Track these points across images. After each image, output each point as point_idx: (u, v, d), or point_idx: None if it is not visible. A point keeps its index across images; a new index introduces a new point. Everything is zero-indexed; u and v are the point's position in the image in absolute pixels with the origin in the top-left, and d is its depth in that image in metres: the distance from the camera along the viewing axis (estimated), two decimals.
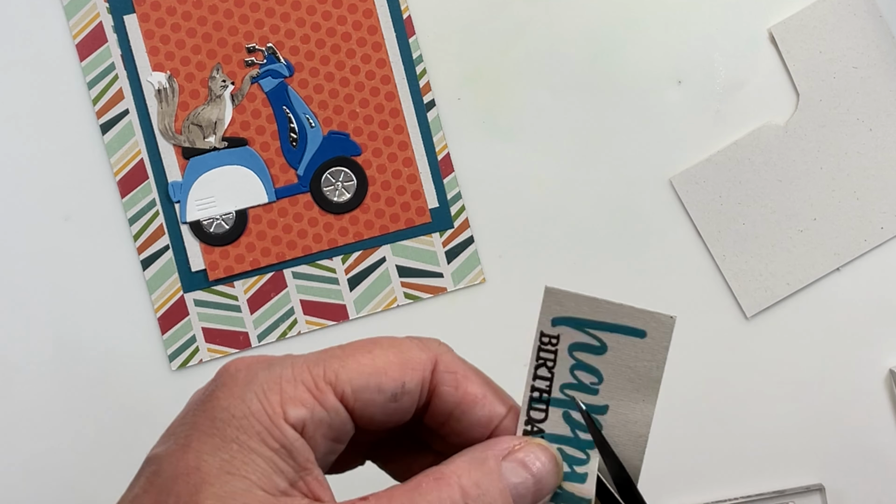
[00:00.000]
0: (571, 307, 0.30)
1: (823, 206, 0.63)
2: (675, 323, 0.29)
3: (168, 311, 0.62)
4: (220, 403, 0.27)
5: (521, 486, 0.28)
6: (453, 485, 0.27)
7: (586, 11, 0.63)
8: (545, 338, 0.31)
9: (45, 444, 0.63)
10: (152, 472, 0.28)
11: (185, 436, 0.28)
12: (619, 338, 0.30)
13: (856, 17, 0.62)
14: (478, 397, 0.30)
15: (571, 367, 0.31)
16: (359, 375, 0.28)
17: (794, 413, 0.64)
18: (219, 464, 0.26)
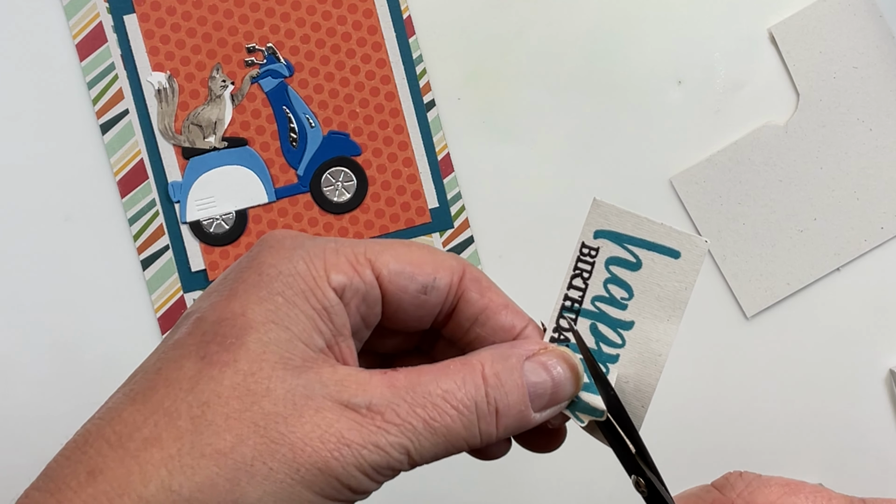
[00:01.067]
0: (615, 221, 0.32)
1: (823, 206, 0.63)
2: (708, 248, 0.31)
3: (168, 311, 0.62)
4: (267, 260, 0.29)
5: (539, 387, 0.30)
6: (477, 371, 0.29)
7: (586, 11, 0.63)
8: (585, 248, 0.32)
9: (44, 444, 0.63)
10: (196, 318, 0.28)
11: (230, 288, 0.29)
12: (655, 256, 0.31)
13: (856, 17, 0.62)
14: (501, 306, 0.31)
15: (605, 281, 0.32)
16: (396, 261, 0.30)
17: (794, 413, 0.64)
18: (264, 313, 0.28)
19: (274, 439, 0.26)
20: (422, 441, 0.28)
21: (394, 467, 0.28)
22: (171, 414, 0.26)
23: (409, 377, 0.29)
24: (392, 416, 0.28)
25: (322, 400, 0.27)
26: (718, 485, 0.34)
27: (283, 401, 0.27)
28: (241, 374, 0.27)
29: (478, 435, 0.29)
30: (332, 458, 0.27)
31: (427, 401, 0.28)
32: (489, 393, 0.29)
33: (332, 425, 0.27)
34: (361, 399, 0.28)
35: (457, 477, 0.64)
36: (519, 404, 0.29)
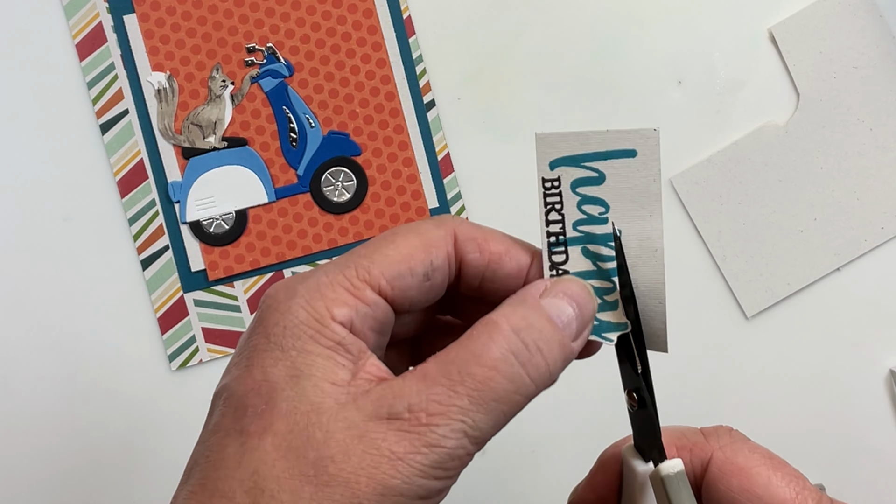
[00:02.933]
0: (563, 146, 0.32)
1: (824, 206, 0.63)
2: (659, 135, 0.31)
3: (168, 312, 0.62)
4: (271, 321, 0.29)
5: (563, 315, 0.30)
6: (502, 325, 0.29)
7: (586, 11, 0.63)
8: (547, 182, 0.33)
9: (44, 444, 0.63)
10: (224, 398, 0.29)
11: (246, 359, 0.29)
12: (613, 163, 0.32)
13: (856, 17, 0.62)
14: (502, 253, 0.31)
15: (578, 204, 0.32)
16: (389, 267, 0.30)
17: (794, 413, 0.64)
18: (284, 371, 0.28)
19: (327, 483, 0.26)
20: (474, 417, 0.28)
21: (458, 455, 0.28)
22: (227, 495, 0.27)
23: (437, 362, 0.28)
24: (435, 408, 0.27)
25: (364, 425, 0.27)
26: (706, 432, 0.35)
27: (325, 443, 0.27)
28: (280, 435, 0.27)
29: (530, 381, 0.29)
30: (388, 478, 0.27)
31: (463, 375, 0.28)
32: (524, 338, 0.29)
33: (380, 445, 0.27)
34: (400, 405, 0.27)
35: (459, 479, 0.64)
36: (556, 336, 0.29)
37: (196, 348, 0.63)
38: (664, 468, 0.31)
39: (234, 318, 0.63)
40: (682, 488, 0.31)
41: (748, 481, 0.32)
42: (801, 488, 0.32)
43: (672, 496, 0.31)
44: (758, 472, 0.32)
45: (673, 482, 0.31)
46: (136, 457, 0.63)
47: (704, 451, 0.33)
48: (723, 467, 0.33)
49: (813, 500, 0.32)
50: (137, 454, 0.63)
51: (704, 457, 0.33)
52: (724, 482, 0.32)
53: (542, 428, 0.63)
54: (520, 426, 0.39)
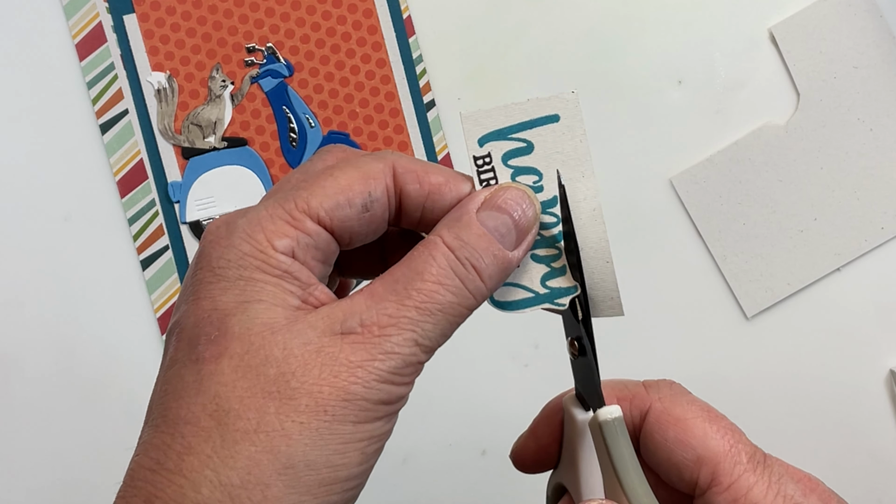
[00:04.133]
0: (489, 122, 0.32)
1: (824, 206, 0.63)
2: (578, 97, 0.32)
3: (168, 311, 0.62)
4: (214, 255, 0.29)
5: (500, 226, 0.31)
6: (438, 242, 0.30)
7: (586, 12, 0.63)
8: (479, 160, 0.33)
9: (44, 444, 0.63)
10: (176, 333, 0.29)
11: (192, 293, 0.30)
12: (539, 130, 0.32)
13: (856, 17, 0.62)
14: (441, 184, 0.32)
15: (512, 176, 0.32)
16: (327, 198, 0.30)
17: (794, 413, 0.64)
18: (233, 299, 0.29)
19: (291, 396, 0.27)
20: (423, 326, 0.29)
21: (412, 362, 0.29)
22: (191, 421, 0.27)
23: (384, 281, 0.29)
24: (385, 320, 0.28)
25: (319, 340, 0.28)
26: (648, 384, 0.35)
27: (283, 360, 0.28)
28: (236, 356, 0.28)
29: (470, 295, 0.30)
30: (349, 384, 0.27)
31: (409, 290, 0.29)
32: (458, 255, 0.30)
33: (337, 356, 0.28)
34: (352, 321, 0.28)
35: (456, 478, 0.64)
36: (490, 250, 0.30)
37: None
38: (602, 414, 0.32)
39: None
40: (619, 434, 0.31)
41: (684, 432, 0.32)
42: (735, 441, 0.32)
43: (609, 441, 0.31)
44: (694, 423, 0.32)
45: (610, 427, 0.31)
46: None
47: (644, 401, 0.34)
48: (660, 418, 0.33)
49: (746, 453, 0.32)
50: None
51: (644, 407, 0.33)
52: (660, 432, 0.32)
53: None
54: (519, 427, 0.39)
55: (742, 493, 0.31)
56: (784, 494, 0.31)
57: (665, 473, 0.33)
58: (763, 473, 0.31)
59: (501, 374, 0.64)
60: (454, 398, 0.63)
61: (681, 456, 0.32)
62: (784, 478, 0.31)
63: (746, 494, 0.31)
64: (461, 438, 0.63)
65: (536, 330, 0.62)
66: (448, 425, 0.64)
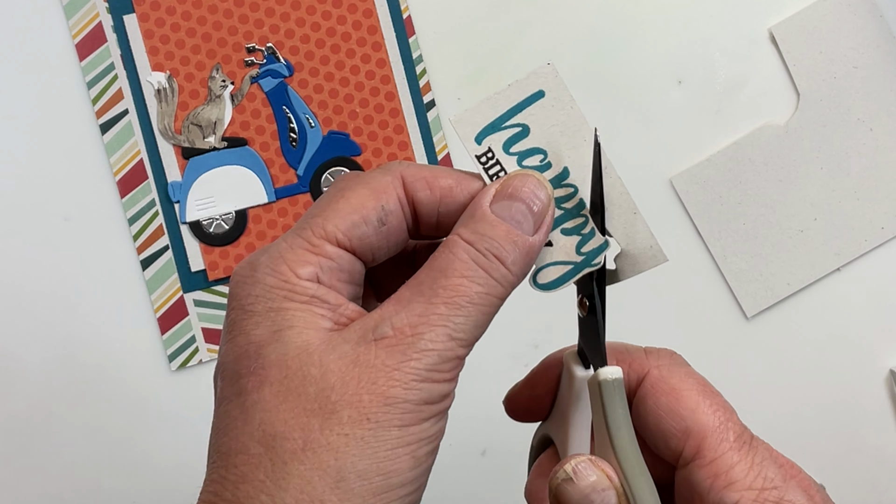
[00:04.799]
0: (479, 118, 0.33)
1: (824, 206, 0.63)
2: (555, 67, 0.33)
3: (168, 312, 0.62)
4: (242, 294, 0.30)
5: (515, 213, 0.31)
6: (456, 241, 0.30)
7: (586, 12, 0.63)
8: (481, 157, 0.33)
9: (45, 444, 0.63)
10: (220, 373, 0.30)
11: (228, 333, 0.30)
12: (529, 111, 0.33)
13: (856, 17, 0.62)
14: (452, 186, 0.32)
15: (518, 161, 0.33)
16: (342, 219, 0.30)
17: (794, 413, 0.64)
18: (265, 330, 0.29)
19: (333, 410, 0.28)
20: (454, 320, 0.29)
21: (449, 357, 0.29)
22: (242, 451, 0.28)
23: (409, 286, 0.30)
24: (416, 320, 0.29)
25: (354, 351, 0.28)
26: (649, 351, 0.35)
27: (321, 377, 0.28)
28: (276, 382, 0.28)
29: (497, 283, 0.30)
30: (388, 388, 0.28)
31: (435, 288, 0.29)
32: (478, 247, 0.30)
33: (373, 362, 0.28)
34: (384, 326, 0.29)
35: (456, 478, 0.64)
36: (509, 237, 0.30)
37: (196, 348, 0.63)
38: (603, 373, 0.32)
39: None
40: (616, 394, 0.32)
41: (676, 402, 0.32)
42: (725, 419, 0.32)
43: (606, 401, 0.32)
44: (688, 395, 0.33)
45: (609, 387, 0.32)
46: (136, 455, 0.63)
47: (642, 366, 0.34)
48: (656, 384, 0.33)
49: (735, 431, 0.32)
50: (138, 453, 0.63)
51: (641, 372, 0.34)
52: (653, 398, 0.33)
53: None
54: (519, 427, 0.39)
55: (723, 470, 0.31)
56: (764, 476, 0.31)
57: (652, 440, 0.33)
58: (747, 454, 0.31)
59: (502, 374, 0.64)
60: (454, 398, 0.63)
61: (670, 424, 0.32)
62: (767, 461, 0.31)
63: (727, 472, 0.31)
64: (461, 438, 0.63)
65: (536, 330, 0.62)
66: (448, 426, 0.64)
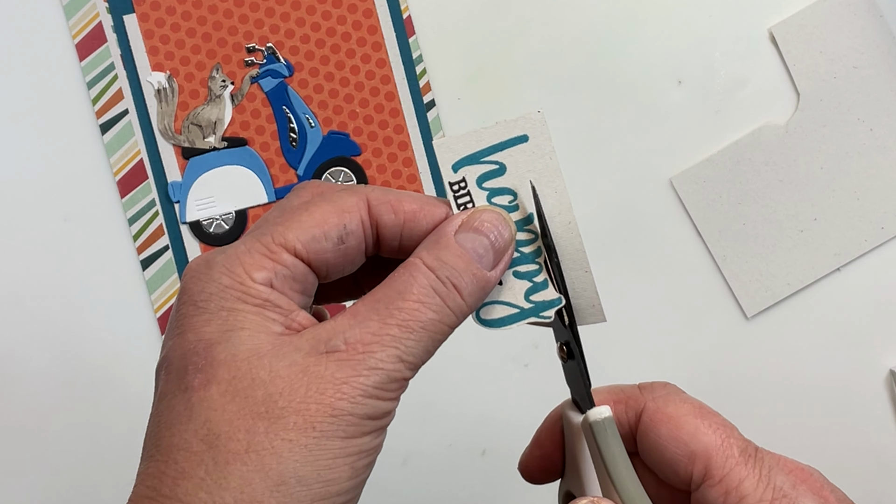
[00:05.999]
0: (460, 148, 0.33)
1: (824, 206, 0.63)
2: (544, 116, 0.33)
3: (168, 311, 0.62)
4: (195, 289, 0.30)
5: (478, 246, 0.32)
6: (418, 264, 0.31)
7: (586, 12, 0.63)
8: (454, 185, 0.33)
9: (45, 444, 0.63)
10: (165, 367, 0.30)
11: (177, 328, 0.30)
12: (510, 152, 0.33)
13: (856, 17, 0.62)
14: (416, 211, 0.32)
15: (487, 198, 0.33)
16: (303, 231, 0.31)
17: (793, 413, 0.64)
18: (216, 328, 0.29)
19: (279, 415, 0.28)
20: (406, 343, 0.30)
21: (396, 378, 0.29)
22: (184, 447, 0.28)
23: (366, 302, 0.30)
24: (369, 338, 0.29)
25: (304, 360, 0.29)
26: (643, 386, 0.36)
27: (270, 382, 0.28)
28: (224, 382, 0.28)
29: (451, 312, 0.31)
30: (336, 400, 0.28)
31: (391, 309, 0.30)
32: (438, 274, 0.31)
33: (323, 374, 0.28)
34: (336, 340, 0.29)
35: (456, 478, 0.64)
36: (469, 269, 0.31)
37: None
38: (592, 414, 0.32)
39: None
40: (608, 433, 0.32)
41: (676, 429, 0.33)
42: (726, 436, 0.33)
43: (599, 440, 0.32)
44: (686, 420, 0.33)
45: (600, 427, 0.32)
46: (136, 456, 0.63)
47: (638, 402, 0.34)
48: (653, 416, 0.33)
49: (738, 447, 0.32)
50: (137, 453, 0.63)
51: (638, 408, 0.34)
52: (653, 430, 0.33)
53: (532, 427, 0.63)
54: (519, 427, 0.39)
55: (733, 486, 0.31)
56: (773, 486, 0.31)
57: (662, 471, 0.33)
58: (754, 466, 0.32)
59: (501, 375, 0.64)
60: (454, 399, 0.63)
61: (674, 452, 0.32)
62: (774, 469, 0.32)
63: (737, 487, 0.31)
64: (461, 439, 0.63)
65: (536, 330, 0.62)
66: (448, 426, 0.64)
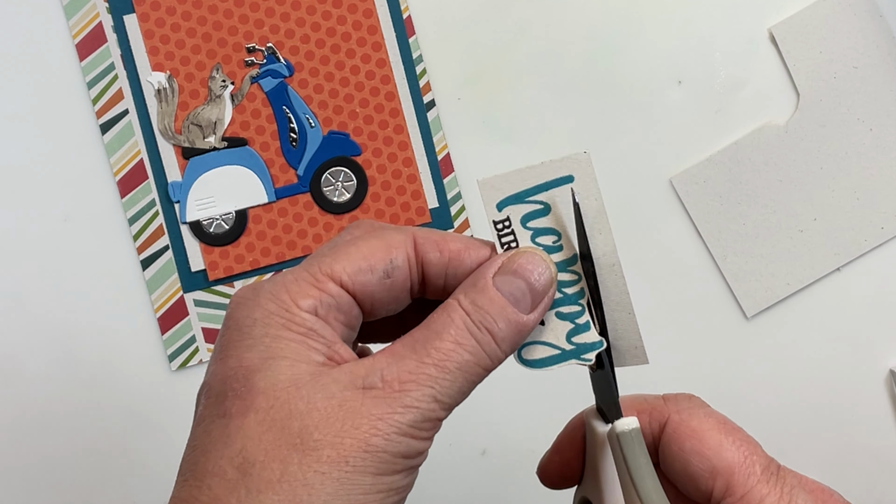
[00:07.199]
0: (506, 187, 0.33)
1: (824, 206, 0.63)
2: (590, 157, 0.32)
3: (168, 312, 0.62)
4: (241, 315, 0.31)
5: (515, 290, 0.32)
6: (455, 306, 0.31)
7: (586, 12, 0.63)
8: (498, 224, 0.34)
9: (45, 444, 0.63)
10: (205, 393, 0.31)
11: (220, 352, 0.31)
12: (555, 192, 0.33)
13: (856, 17, 0.62)
14: (461, 250, 0.33)
15: (532, 237, 0.33)
16: (349, 263, 0.31)
17: (794, 413, 0.64)
18: (258, 355, 0.30)
19: (314, 448, 0.28)
20: (442, 383, 0.30)
21: (430, 418, 0.30)
22: (218, 473, 0.28)
23: (404, 341, 0.31)
24: (406, 376, 0.29)
25: (341, 394, 0.29)
26: (668, 397, 0.36)
27: (307, 414, 0.29)
28: (262, 410, 0.29)
29: (486, 356, 0.31)
30: (370, 436, 0.28)
31: (429, 349, 0.30)
32: (474, 319, 0.31)
33: (359, 409, 0.29)
34: (374, 376, 0.29)
35: (456, 478, 0.64)
36: (505, 315, 0.31)
37: (196, 348, 0.63)
38: (619, 425, 0.32)
39: None
40: (636, 445, 0.32)
41: (699, 443, 0.33)
42: (749, 452, 0.33)
43: (626, 452, 0.32)
44: (710, 434, 0.33)
45: (627, 438, 0.32)
46: (136, 456, 0.63)
47: (662, 413, 0.34)
48: (677, 429, 0.33)
49: (761, 464, 0.32)
50: (137, 454, 0.63)
51: (662, 419, 0.34)
52: (677, 443, 0.33)
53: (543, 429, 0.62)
54: (520, 427, 0.39)
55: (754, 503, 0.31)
56: None
57: (683, 485, 0.33)
58: (776, 484, 0.32)
59: (502, 375, 0.64)
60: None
61: (696, 466, 0.32)
62: (796, 489, 0.32)
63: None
64: (461, 438, 0.63)
65: None
66: (448, 426, 0.64)
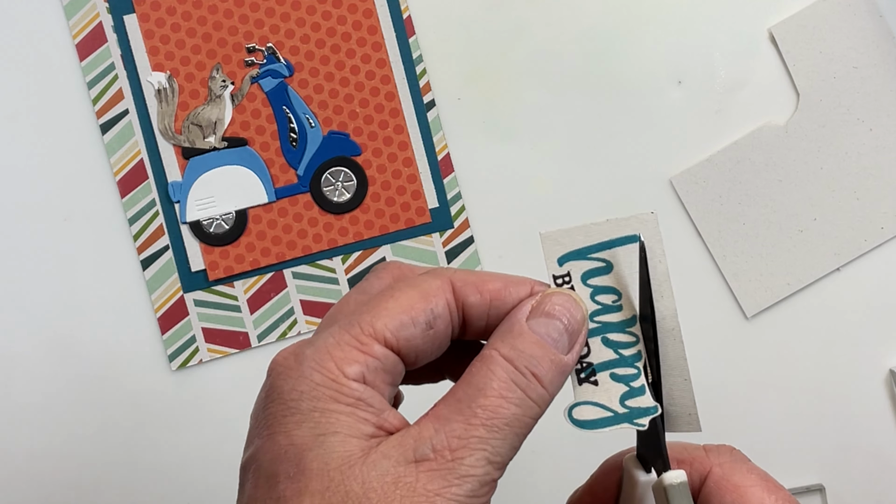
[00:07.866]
0: (568, 242, 0.33)
1: (823, 206, 0.63)
2: (657, 217, 0.32)
3: (168, 311, 0.62)
4: (285, 388, 0.30)
5: (552, 331, 0.31)
6: (495, 356, 0.30)
7: (586, 11, 0.63)
8: (558, 279, 0.33)
9: (45, 444, 0.63)
10: (253, 470, 0.30)
11: (266, 427, 0.30)
12: (618, 250, 0.32)
13: (856, 17, 0.62)
14: (500, 289, 0.32)
15: (591, 295, 0.33)
16: (391, 319, 0.30)
17: (794, 413, 0.64)
18: (308, 432, 0.29)
19: None
20: (493, 444, 0.29)
21: (486, 482, 0.29)
22: None
23: (447, 403, 0.30)
24: (456, 443, 0.29)
25: (395, 471, 0.28)
26: (709, 448, 0.35)
27: (363, 495, 0.28)
28: (317, 494, 0.28)
29: (534, 404, 0.30)
30: None
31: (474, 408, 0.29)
32: (517, 366, 0.30)
33: (415, 487, 0.28)
34: (424, 447, 0.29)
35: None
36: (547, 356, 0.31)
37: (196, 348, 0.63)
38: (668, 478, 0.32)
39: (235, 318, 0.63)
40: (683, 499, 0.32)
41: (741, 499, 0.33)
42: None
43: None
44: (752, 491, 0.33)
45: (676, 492, 0.32)
46: (136, 456, 0.63)
47: (704, 465, 0.34)
48: (719, 483, 0.33)
49: None
50: (138, 454, 0.63)
51: (703, 471, 0.34)
52: (718, 497, 0.33)
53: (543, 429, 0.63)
54: None
55: None
56: None
57: None
58: None
59: None
60: None
61: None
62: None
63: None
64: None
65: None
66: None
